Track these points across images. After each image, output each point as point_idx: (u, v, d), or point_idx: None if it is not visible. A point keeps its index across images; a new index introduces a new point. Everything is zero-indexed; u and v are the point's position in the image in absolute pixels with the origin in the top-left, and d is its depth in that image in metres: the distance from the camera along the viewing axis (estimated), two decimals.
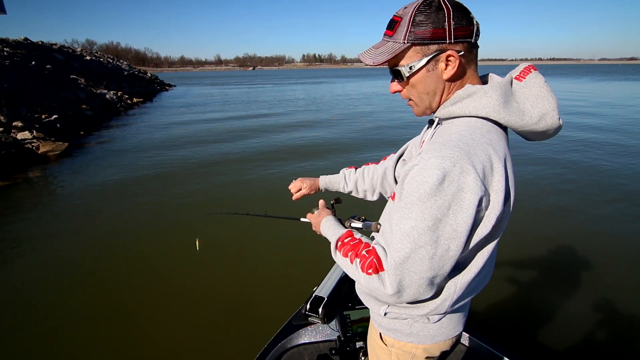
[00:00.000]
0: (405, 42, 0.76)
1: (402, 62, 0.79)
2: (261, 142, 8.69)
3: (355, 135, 9.34)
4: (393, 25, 0.78)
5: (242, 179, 6.05)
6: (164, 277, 3.23)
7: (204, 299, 2.90)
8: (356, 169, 1.32)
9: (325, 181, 1.35)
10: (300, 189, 1.36)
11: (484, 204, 0.70)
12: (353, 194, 1.33)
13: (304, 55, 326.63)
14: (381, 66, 0.81)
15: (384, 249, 0.77)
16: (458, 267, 0.82)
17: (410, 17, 0.75)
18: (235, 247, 3.74)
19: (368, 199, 1.30)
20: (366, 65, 0.81)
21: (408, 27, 0.75)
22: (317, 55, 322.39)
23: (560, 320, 2.63)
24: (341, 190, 1.34)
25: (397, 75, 0.82)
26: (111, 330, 2.59)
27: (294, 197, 1.37)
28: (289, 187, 1.38)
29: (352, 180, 1.30)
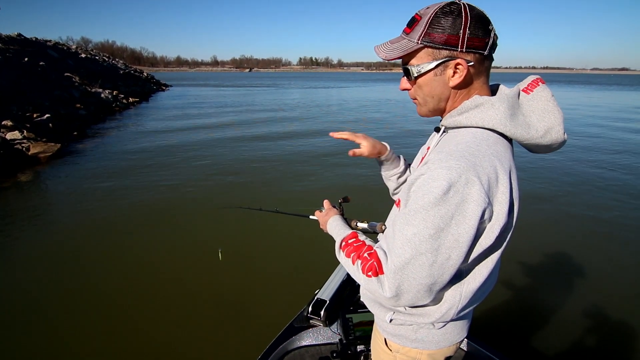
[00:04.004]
0: (419, 42, 0.76)
1: (412, 62, 0.80)
2: (261, 145, 8.42)
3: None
4: (412, 23, 0.78)
5: (245, 179, 5.92)
6: (165, 277, 3.18)
7: (206, 300, 2.89)
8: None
9: (392, 156, 1.13)
10: (349, 140, 1.09)
11: (487, 216, 0.71)
12: (390, 183, 1.18)
13: (300, 58, 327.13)
14: (394, 60, 0.82)
15: (385, 253, 0.79)
16: (462, 276, 0.83)
17: (429, 19, 0.75)
18: (238, 248, 3.70)
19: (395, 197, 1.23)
20: (381, 58, 0.81)
21: (424, 28, 0.75)
22: (313, 58, 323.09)
23: (559, 327, 2.63)
24: (389, 174, 1.16)
25: (406, 73, 0.82)
26: (111, 330, 2.56)
27: (337, 134, 1.10)
28: (346, 135, 1.09)
29: (406, 176, 1.18)
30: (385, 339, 1.02)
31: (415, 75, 0.80)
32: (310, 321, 1.75)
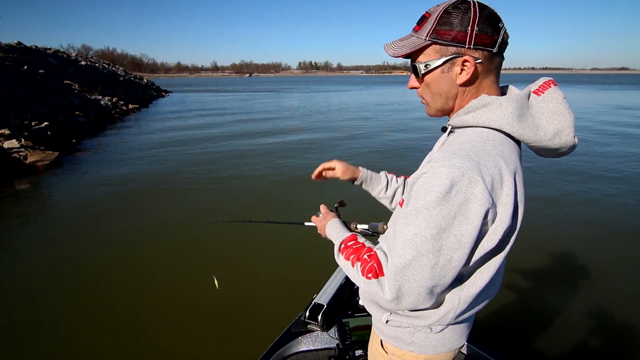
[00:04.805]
0: (427, 39, 0.76)
1: (419, 59, 0.79)
2: (263, 151, 8.35)
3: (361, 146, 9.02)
4: (421, 21, 0.78)
5: (244, 185, 5.85)
6: (163, 284, 3.18)
7: (204, 306, 2.88)
8: (397, 176, 1.26)
9: (367, 175, 1.24)
10: (332, 168, 1.23)
11: (490, 217, 0.69)
12: (383, 201, 1.25)
13: (300, 63, 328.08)
14: (402, 57, 0.82)
15: (386, 254, 0.77)
16: (462, 280, 0.80)
17: (437, 16, 0.74)
18: (234, 254, 3.68)
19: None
20: (389, 55, 0.82)
21: (433, 25, 0.75)
22: (313, 62, 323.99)
23: (563, 330, 2.60)
24: (375, 193, 1.24)
25: (414, 70, 0.82)
26: (109, 335, 2.58)
27: (314, 174, 1.25)
28: (320, 167, 1.25)
29: (393, 188, 1.23)
30: (381, 341, 0.99)
31: (423, 72, 0.79)
32: (308, 326, 1.72)
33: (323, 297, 1.80)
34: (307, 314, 1.71)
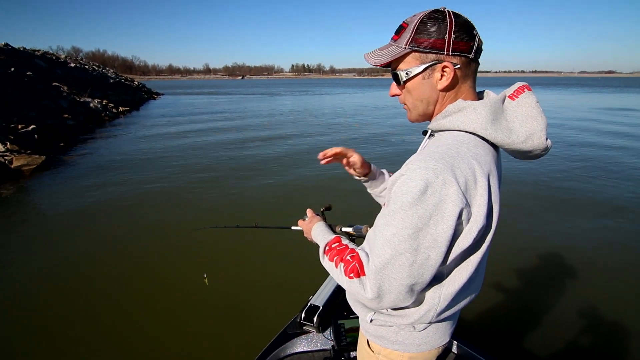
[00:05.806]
0: (406, 47, 0.79)
1: (400, 67, 0.82)
2: (251, 155, 8.29)
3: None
4: (399, 30, 0.81)
5: (232, 191, 5.79)
6: (157, 288, 3.17)
7: (199, 308, 2.89)
8: None
9: (377, 171, 1.17)
10: (341, 153, 1.08)
11: (464, 216, 0.71)
12: (380, 199, 1.21)
13: (293, 65, 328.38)
14: (382, 67, 0.85)
15: (367, 254, 0.80)
16: (441, 278, 0.83)
17: (415, 25, 0.78)
18: (230, 256, 3.68)
19: None
20: (370, 64, 0.85)
21: (411, 34, 0.78)
22: (306, 65, 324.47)
23: (553, 329, 2.63)
24: (378, 191, 1.19)
25: (395, 78, 0.84)
26: (103, 337, 2.58)
27: (327, 153, 1.08)
28: (336, 149, 1.09)
29: None
30: (368, 340, 1.02)
31: (404, 79, 0.82)
32: (304, 327, 1.74)
33: (319, 298, 1.81)
34: (303, 315, 1.73)
